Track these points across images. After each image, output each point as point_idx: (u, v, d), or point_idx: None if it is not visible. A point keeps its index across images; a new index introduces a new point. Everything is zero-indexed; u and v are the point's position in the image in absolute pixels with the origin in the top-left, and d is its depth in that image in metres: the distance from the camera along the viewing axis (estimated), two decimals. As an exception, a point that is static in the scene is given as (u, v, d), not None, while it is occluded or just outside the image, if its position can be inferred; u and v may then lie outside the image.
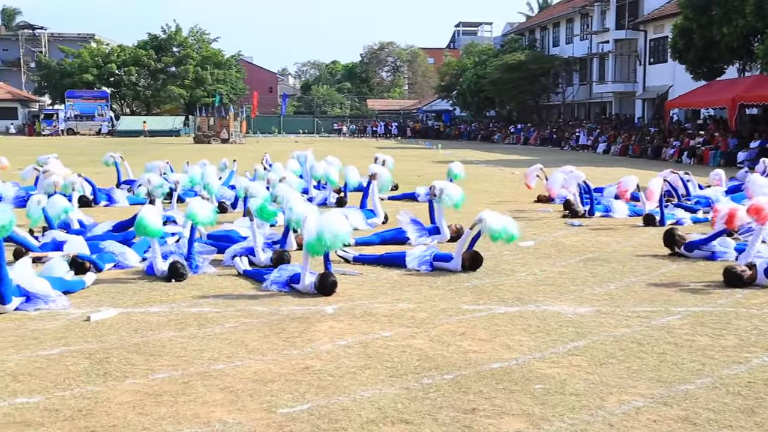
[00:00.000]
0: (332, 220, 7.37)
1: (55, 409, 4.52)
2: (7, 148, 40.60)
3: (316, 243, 7.25)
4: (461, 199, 10.26)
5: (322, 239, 7.22)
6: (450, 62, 68.19)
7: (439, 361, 5.45)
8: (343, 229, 7.36)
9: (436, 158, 34.16)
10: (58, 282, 7.33)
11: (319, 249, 7.31)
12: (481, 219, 8.45)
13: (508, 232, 8.39)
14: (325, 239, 7.21)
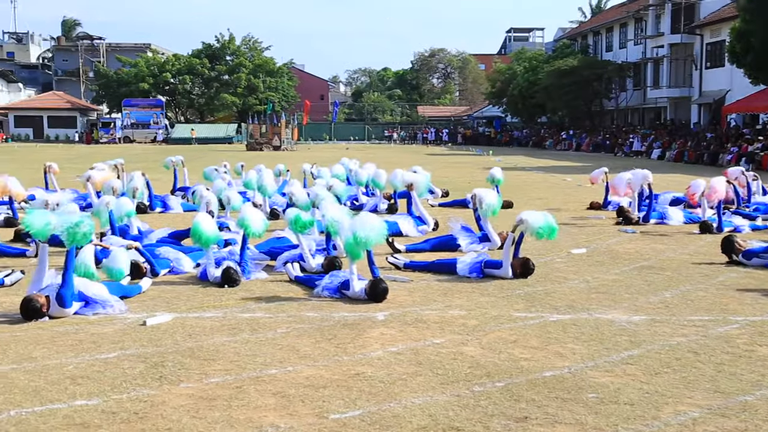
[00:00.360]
0: (364, 219, 7.65)
1: (112, 412, 4.61)
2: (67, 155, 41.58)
3: (354, 243, 7.44)
4: (498, 204, 10.37)
5: (357, 239, 7.40)
6: (500, 68, 67.83)
7: (490, 369, 5.42)
8: (375, 225, 7.55)
9: (486, 165, 33.98)
10: (115, 287, 7.49)
11: (358, 250, 7.47)
12: (522, 219, 8.43)
13: (550, 225, 8.43)
14: (360, 238, 7.38)
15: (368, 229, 7.48)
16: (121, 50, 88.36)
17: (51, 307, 6.72)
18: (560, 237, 11.70)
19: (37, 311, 6.64)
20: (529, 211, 8.67)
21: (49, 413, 4.57)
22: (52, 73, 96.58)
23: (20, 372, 5.31)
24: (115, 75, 78.48)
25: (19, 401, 4.76)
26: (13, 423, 4.42)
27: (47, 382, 5.12)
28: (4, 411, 4.59)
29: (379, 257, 9.66)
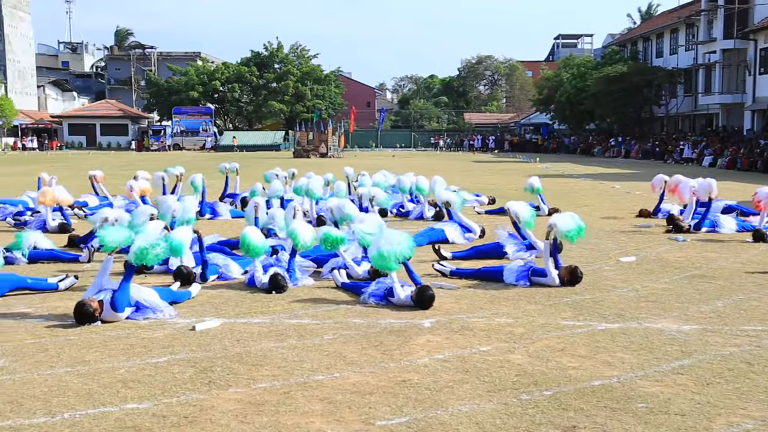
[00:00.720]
0: (388, 235, 7.83)
1: (162, 416, 4.68)
2: (119, 162, 42.38)
3: (379, 258, 7.63)
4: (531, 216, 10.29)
5: (382, 254, 7.60)
6: (548, 75, 67.34)
7: (537, 377, 5.38)
8: (400, 241, 7.70)
9: (533, 172, 33.76)
10: (165, 293, 7.61)
11: (385, 264, 7.61)
12: (551, 224, 8.40)
13: (579, 227, 8.53)
14: (385, 253, 7.57)
15: (393, 244, 7.63)
16: (171, 59, 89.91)
17: (104, 311, 6.85)
18: (609, 245, 11.63)
19: (90, 315, 6.77)
20: (559, 215, 8.77)
21: (101, 416, 4.66)
22: (105, 81, 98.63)
23: (74, 375, 5.42)
24: (165, 83, 79.81)
25: (73, 404, 4.86)
26: (67, 425, 4.52)
27: (100, 385, 5.22)
28: (58, 413, 4.69)
29: (425, 264, 9.69)
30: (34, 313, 7.30)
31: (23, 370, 5.51)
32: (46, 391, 5.09)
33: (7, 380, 5.30)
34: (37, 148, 73.14)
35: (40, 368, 5.57)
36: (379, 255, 7.65)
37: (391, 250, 7.60)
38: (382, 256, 7.62)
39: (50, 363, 5.70)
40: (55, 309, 7.44)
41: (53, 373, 5.45)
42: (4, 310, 7.39)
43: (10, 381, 5.28)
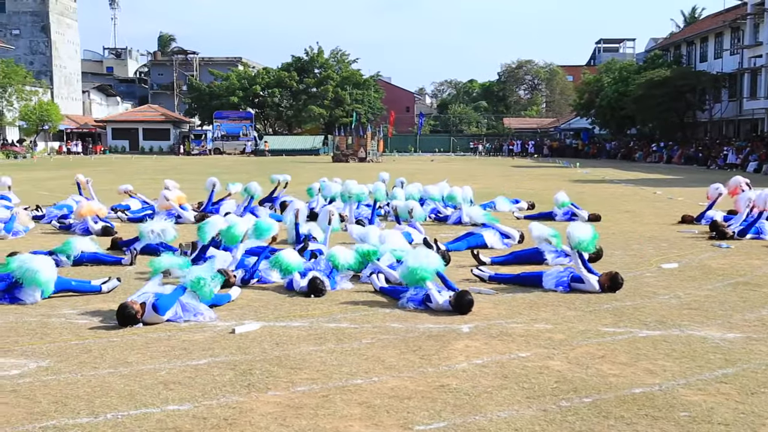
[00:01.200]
0: (416, 253, 8.13)
1: (202, 417, 4.73)
2: (161, 166, 42.94)
3: (410, 274, 7.77)
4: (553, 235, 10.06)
5: (413, 270, 7.75)
6: (589, 79, 66.75)
7: (577, 384, 5.33)
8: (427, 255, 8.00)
9: (573, 177, 33.50)
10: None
11: (418, 277, 7.73)
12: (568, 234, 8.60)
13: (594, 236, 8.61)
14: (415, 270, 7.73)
15: (421, 259, 7.85)
16: (213, 64, 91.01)
17: (146, 313, 6.94)
18: (650, 251, 11.48)
19: (132, 317, 6.87)
20: (574, 225, 8.84)
21: (143, 417, 4.72)
22: (148, 86, 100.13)
23: (116, 376, 5.50)
24: (207, 88, 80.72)
25: (116, 404, 4.93)
26: (110, 426, 4.58)
27: (141, 386, 5.29)
28: (101, 414, 4.76)
29: (464, 269, 9.66)
30: (78, 314, 7.42)
31: (67, 371, 5.61)
32: (89, 391, 5.17)
33: (52, 380, 5.39)
34: (82, 152, 74.44)
35: (83, 369, 5.66)
36: (410, 271, 7.78)
37: (419, 265, 7.76)
38: (413, 271, 7.75)
39: (93, 364, 5.79)
40: (98, 311, 7.55)
41: (96, 374, 5.54)
42: (49, 311, 7.53)
43: (55, 381, 5.38)
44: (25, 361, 5.86)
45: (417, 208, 13.01)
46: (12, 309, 7.56)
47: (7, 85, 62.84)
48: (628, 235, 13.42)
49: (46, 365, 5.76)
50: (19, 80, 63.73)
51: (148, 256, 10.69)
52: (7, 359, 5.91)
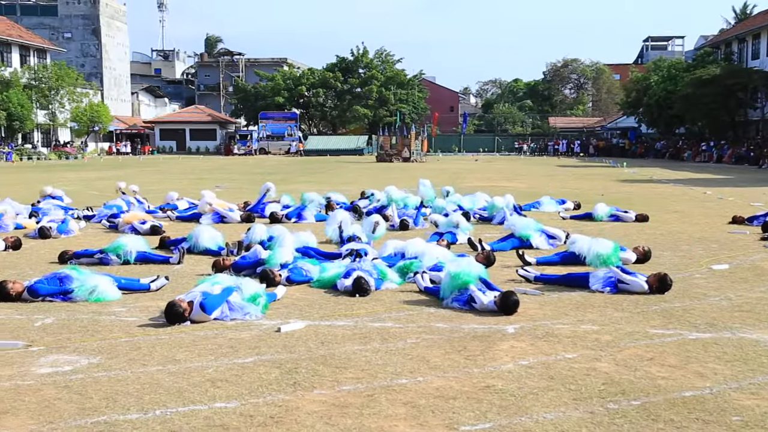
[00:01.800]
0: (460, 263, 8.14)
1: (249, 415, 4.77)
2: (209, 166, 43.45)
3: (453, 279, 7.81)
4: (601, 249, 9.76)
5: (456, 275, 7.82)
6: (636, 78, 65.84)
7: (625, 386, 5.26)
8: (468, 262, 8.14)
9: (620, 177, 33.09)
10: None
11: (460, 282, 7.77)
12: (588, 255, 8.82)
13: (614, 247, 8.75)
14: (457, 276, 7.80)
15: (462, 265, 7.98)
16: (259, 65, 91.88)
17: (193, 311, 7.03)
18: (699, 252, 11.29)
19: (179, 315, 6.96)
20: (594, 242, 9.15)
21: (191, 414, 4.78)
22: (195, 87, 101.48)
23: (165, 373, 5.58)
24: (252, 89, 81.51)
25: (164, 401, 5.00)
26: (159, 422, 4.65)
27: (189, 383, 5.36)
28: (150, 410, 4.84)
29: (509, 270, 9.60)
30: (128, 312, 7.55)
31: (118, 368, 5.71)
32: (138, 388, 5.25)
33: (103, 377, 5.49)
34: (130, 152, 75.70)
35: (133, 366, 5.76)
36: (452, 276, 7.83)
37: (461, 270, 7.84)
38: (456, 276, 7.81)
39: (143, 361, 5.88)
40: (147, 309, 7.67)
41: (145, 371, 5.63)
42: (99, 308, 7.67)
43: (106, 378, 5.47)
44: (77, 358, 5.97)
45: (463, 221, 12.80)
46: (64, 306, 7.72)
47: (59, 87, 64.23)
48: (677, 235, 13.21)
49: (97, 362, 5.87)
50: (70, 82, 65.13)
51: (196, 255, 10.85)
52: (60, 355, 6.04)
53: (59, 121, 66.78)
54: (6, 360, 5.90)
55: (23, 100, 58.75)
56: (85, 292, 7.93)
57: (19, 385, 5.31)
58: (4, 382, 5.37)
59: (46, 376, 5.49)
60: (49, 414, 4.76)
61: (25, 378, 5.46)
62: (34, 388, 5.23)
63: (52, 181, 22.34)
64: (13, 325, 6.99)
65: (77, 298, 7.91)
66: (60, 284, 8.04)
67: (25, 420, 4.66)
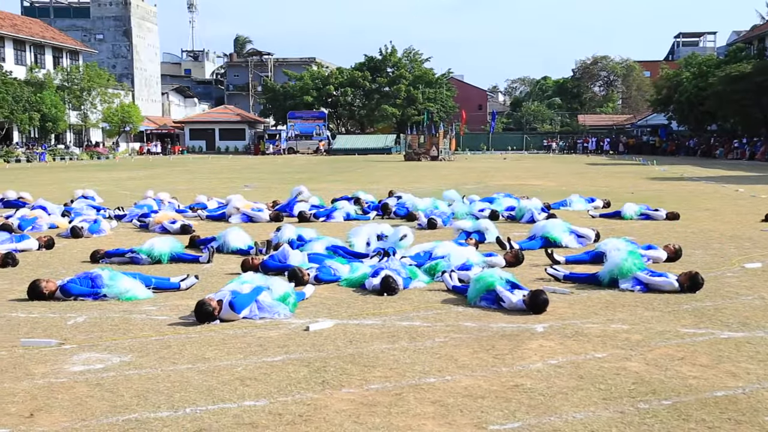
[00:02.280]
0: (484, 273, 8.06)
1: (278, 413, 4.80)
2: (238, 165, 43.71)
3: (477, 282, 7.84)
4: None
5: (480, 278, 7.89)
6: (667, 75, 65.15)
7: (656, 386, 5.21)
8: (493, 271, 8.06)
9: (650, 175, 32.77)
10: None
11: (485, 284, 7.76)
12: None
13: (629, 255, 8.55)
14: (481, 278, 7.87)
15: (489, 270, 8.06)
16: (287, 65, 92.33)
17: (222, 310, 7.08)
18: (731, 250, 11.14)
19: (209, 314, 7.02)
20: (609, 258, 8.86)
21: (221, 412, 4.82)
22: (225, 87, 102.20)
23: (195, 372, 5.63)
24: (281, 88, 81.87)
25: (194, 399, 5.04)
26: (189, 420, 4.69)
27: (219, 382, 5.40)
28: (180, 408, 4.88)
29: (538, 268, 9.55)
30: (158, 311, 7.62)
31: (148, 366, 5.77)
32: (169, 386, 5.30)
33: (134, 375, 5.55)
34: (161, 152, 76.39)
35: (163, 364, 5.81)
36: (476, 280, 7.90)
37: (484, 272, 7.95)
38: (479, 278, 7.87)
39: (173, 359, 5.94)
40: (177, 307, 7.74)
41: (176, 369, 5.68)
42: (130, 307, 7.75)
43: (137, 376, 5.53)
44: (108, 356, 6.05)
45: (491, 227, 12.59)
46: (96, 305, 7.81)
47: (91, 88, 65.02)
48: (709, 233, 13.05)
49: (129, 360, 5.93)
50: (102, 83, 65.97)
51: (225, 254, 10.92)
52: (92, 353, 6.11)
53: (91, 121, 67.62)
54: (40, 358, 5.99)
55: (56, 101, 59.59)
56: (115, 296, 8.02)
57: (52, 382, 5.38)
58: (38, 379, 5.45)
59: (79, 374, 5.57)
60: (82, 411, 4.82)
61: (59, 375, 5.54)
62: (67, 386, 5.30)
63: (84, 181, 22.65)
64: (47, 324, 7.09)
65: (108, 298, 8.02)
66: (91, 284, 8.13)
67: (59, 417, 4.73)
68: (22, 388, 5.25)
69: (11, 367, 5.75)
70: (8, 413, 4.80)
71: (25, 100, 55.27)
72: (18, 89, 54.70)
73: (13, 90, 53.96)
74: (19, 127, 57.53)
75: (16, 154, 55.12)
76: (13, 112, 54.02)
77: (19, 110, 54.64)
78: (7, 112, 53.57)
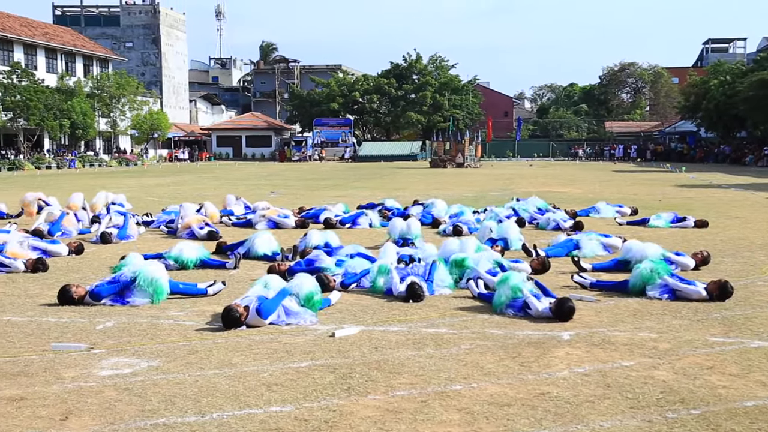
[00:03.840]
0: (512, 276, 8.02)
1: (304, 419, 4.81)
2: (265, 172, 43.93)
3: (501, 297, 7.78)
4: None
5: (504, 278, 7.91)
6: (695, 81, 64.54)
7: (684, 395, 5.17)
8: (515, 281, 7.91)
9: (679, 182, 32.47)
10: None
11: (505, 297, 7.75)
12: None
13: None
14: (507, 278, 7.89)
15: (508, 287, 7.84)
16: (314, 72, 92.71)
17: (249, 316, 7.12)
18: (762, 258, 11.01)
19: (236, 320, 7.06)
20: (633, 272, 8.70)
21: (247, 417, 4.85)
22: (251, 95, 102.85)
23: (221, 377, 5.66)
24: (307, 95, 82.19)
25: (221, 404, 5.08)
26: (216, 425, 4.72)
27: (245, 387, 5.43)
28: (207, 413, 4.91)
29: (564, 276, 9.50)
30: (186, 316, 7.68)
31: (176, 371, 5.81)
32: (196, 391, 5.34)
33: (162, 379, 5.60)
34: (188, 159, 77.00)
35: (190, 369, 5.86)
36: (500, 282, 7.93)
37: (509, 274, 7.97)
38: (504, 279, 7.89)
39: (200, 365, 5.98)
40: (204, 313, 7.79)
41: (202, 375, 5.72)
42: (158, 312, 7.82)
43: (164, 380, 5.58)
44: (137, 361, 6.10)
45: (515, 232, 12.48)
46: (124, 310, 7.89)
47: (120, 95, 65.75)
48: (738, 242, 12.91)
49: (156, 365, 5.98)
50: (131, 90, 66.66)
51: (252, 260, 10.98)
52: (120, 358, 6.17)
53: (120, 128, 68.33)
54: (70, 362, 6.06)
55: (86, 108, 60.32)
56: (146, 282, 8.11)
57: (82, 386, 5.45)
58: (68, 383, 5.52)
59: (108, 378, 5.63)
60: (111, 415, 4.87)
61: (88, 380, 5.60)
62: (96, 390, 5.36)
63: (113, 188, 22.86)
64: (76, 328, 7.17)
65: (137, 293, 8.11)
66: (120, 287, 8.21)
67: (88, 421, 4.78)
68: (53, 392, 5.32)
69: (42, 371, 5.82)
70: (39, 416, 4.86)
71: (56, 108, 56.02)
72: (49, 97, 55.46)
73: (45, 98, 54.71)
74: (50, 134, 58.33)
75: (47, 160, 55.83)
76: (44, 120, 54.78)
77: (50, 118, 55.38)
78: (39, 120, 54.31)
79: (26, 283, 9.49)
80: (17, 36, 59.80)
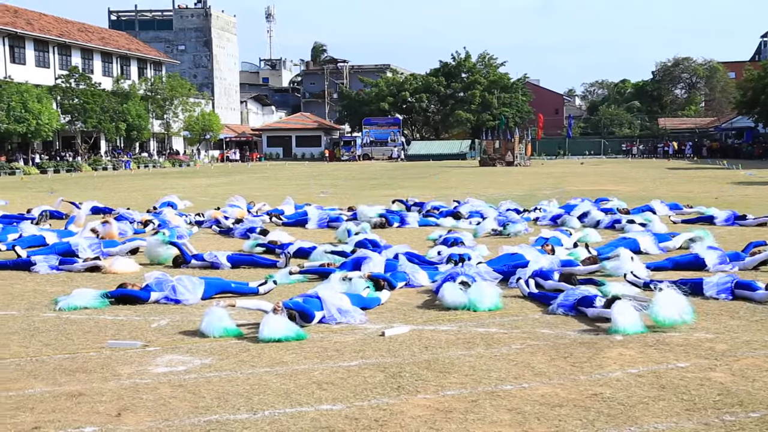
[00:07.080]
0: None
1: (354, 418, 4.83)
2: (314, 172, 44.21)
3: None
4: None
5: None
6: (752, 75, 62.98)
7: (742, 397, 5.05)
8: None
9: (736, 179, 31.75)
10: (356, 298, 7.84)
11: None
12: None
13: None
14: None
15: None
16: (363, 72, 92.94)
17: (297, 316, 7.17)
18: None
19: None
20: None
21: (298, 415, 4.88)
22: (301, 95, 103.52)
23: (273, 375, 5.71)
24: (356, 95, 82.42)
25: (272, 402, 5.12)
26: (267, 422, 4.77)
27: (296, 385, 5.47)
28: (259, 411, 4.96)
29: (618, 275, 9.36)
30: (237, 315, 7.74)
31: (228, 369, 5.88)
32: (248, 389, 5.40)
33: (214, 377, 5.68)
34: (239, 159, 77.86)
35: (242, 367, 5.92)
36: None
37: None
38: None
39: (252, 363, 6.04)
40: (255, 312, 7.83)
41: (254, 372, 5.78)
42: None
43: (217, 378, 5.65)
44: (190, 358, 6.20)
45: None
46: (178, 309, 8.02)
47: (173, 97, 66.79)
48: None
49: (209, 362, 6.06)
50: (184, 93, 67.64)
51: (301, 259, 11.05)
52: (174, 356, 6.27)
53: (173, 130, 69.39)
54: (126, 359, 6.18)
55: (141, 110, 61.38)
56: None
57: (137, 383, 5.55)
58: (124, 380, 5.63)
59: (162, 375, 5.72)
60: (165, 412, 4.95)
61: (143, 377, 5.70)
62: (151, 387, 5.46)
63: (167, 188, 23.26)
64: (132, 326, 7.31)
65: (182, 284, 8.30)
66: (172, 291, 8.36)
67: (143, 417, 4.87)
68: (109, 388, 5.43)
69: (99, 367, 5.95)
70: (97, 412, 4.97)
71: (111, 111, 57.13)
72: (105, 100, 56.60)
73: (101, 101, 55.84)
74: (107, 136, 59.55)
75: (103, 162, 56.98)
76: (100, 122, 55.89)
77: (107, 120, 56.49)
78: (96, 122, 55.44)
79: (84, 281, 9.70)
80: (75, 41, 61.12)
